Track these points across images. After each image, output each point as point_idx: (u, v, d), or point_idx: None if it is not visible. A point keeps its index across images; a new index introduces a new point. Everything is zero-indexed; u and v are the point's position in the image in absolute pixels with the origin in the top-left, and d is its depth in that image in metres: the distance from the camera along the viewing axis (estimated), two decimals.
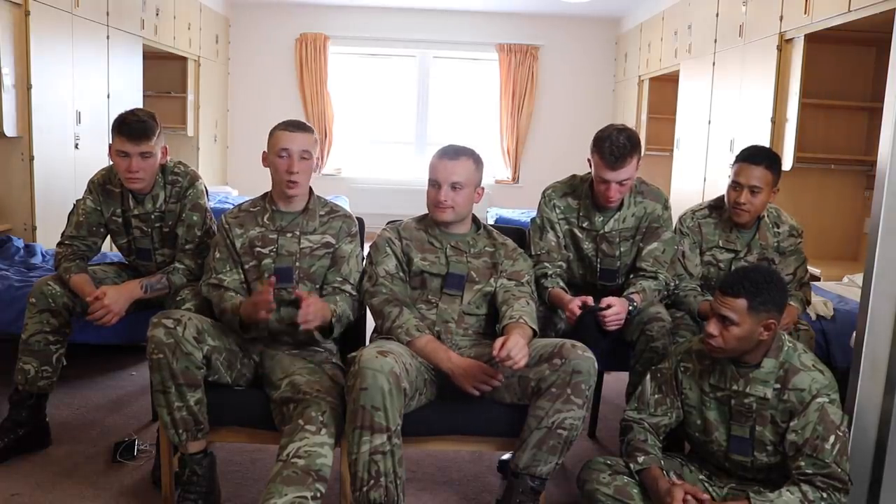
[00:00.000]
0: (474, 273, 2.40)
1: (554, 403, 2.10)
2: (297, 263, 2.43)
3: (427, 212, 2.45)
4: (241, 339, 2.37)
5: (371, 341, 2.40)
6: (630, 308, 2.50)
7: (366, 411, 2.00)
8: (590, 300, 2.45)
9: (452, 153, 2.39)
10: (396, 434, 2.04)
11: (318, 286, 2.46)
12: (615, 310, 2.43)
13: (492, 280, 2.41)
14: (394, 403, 2.01)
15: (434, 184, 2.37)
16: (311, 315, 2.19)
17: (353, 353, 2.14)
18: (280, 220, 2.46)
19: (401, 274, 2.40)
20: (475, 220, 2.51)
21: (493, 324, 2.41)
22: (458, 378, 2.18)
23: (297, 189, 2.42)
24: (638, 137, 2.59)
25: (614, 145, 2.49)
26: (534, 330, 2.23)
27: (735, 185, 2.63)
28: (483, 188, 2.46)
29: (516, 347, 2.02)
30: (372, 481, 2.02)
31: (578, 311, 2.43)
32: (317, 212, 2.49)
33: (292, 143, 2.39)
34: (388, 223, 2.53)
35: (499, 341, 2.04)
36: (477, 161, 2.42)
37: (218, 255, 2.46)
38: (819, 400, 1.98)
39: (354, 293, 2.44)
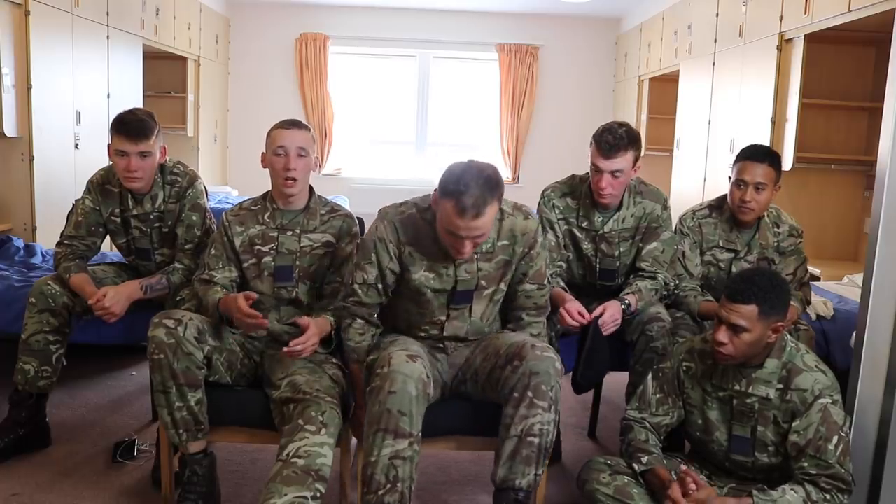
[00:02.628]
0: (484, 281, 2.22)
1: (518, 409, 2.05)
2: (297, 262, 2.43)
3: (432, 199, 2.15)
4: (241, 338, 2.38)
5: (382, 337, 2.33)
6: (623, 307, 2.50)
7: (391, 415, 1.98)
8: (585, 314, 2.47)
9: (475, 210, 1.96)
10: (418, 440, 2.03)
11: (317, 285, 2.46)
12: (609, 313, 2.45)
13: (502, 284, 2.26)
14: (419, 410, 2.02)
15: (454, 235, 2.04)
16: (305, 347, 2.18)
17: (373, 356, 2.15)
18: (281, 218, 2.46)
19: (378, 285, 2.22)
20: None
21: (502, 320, 2.39)
22: None
23: (295, 187, 2.40)
24: (638, 135, 2.59)
25: (611, 134, 2.52)
26: None
27: (739, 184, 2.63)
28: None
29: None
30: (389, 485, 2.00)
31: (578, 326, 2.44)
32: (318, 211, 2.49)
33: (288, 140, 2.39)
34: (383, 211, 2.25)
35: None
36: (500, 198, 2.06)
37: (213, 251, 2.46)
38: (822, 401, 1.97)
39: None
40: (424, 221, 2.18)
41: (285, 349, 2.18)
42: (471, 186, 1.96)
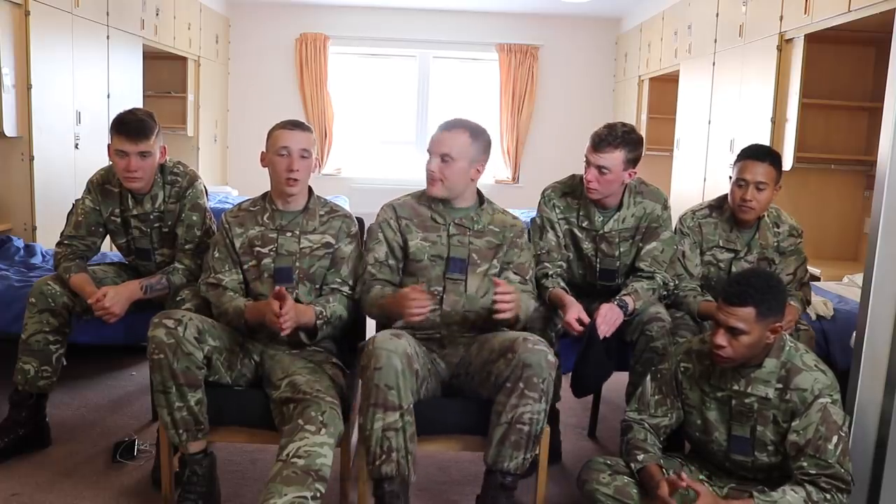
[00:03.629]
0: (476, 255, 2.39)
1: (510, 398, 2.13)
2: (297, 263, 2.43)
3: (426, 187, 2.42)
4: (241, 338, 2.38)
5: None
6: (619, 306, 2.50)
7: (380, 389, 2.06)
8: (585, 318, 2.46)
9: (449, 124, 2.37)
10: (409, 412, 2.10)
11: (317, 286, 2.46)
12: (603, 312, 2.45)
13: (494, 261, 2.40)
14: (406, 383, 2.08)
15: (429, 153, 2.36)
16: (287, 319, 2.18)
17: (363, 343, 2.20)
18: (280, 219, 2.46)
19: (389, 262, 2.41)
20: (479, 195, 2.48)
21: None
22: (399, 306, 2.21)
23: (296, 187, 2.41)
24: (637, 139, 2.58)
25: (607, 129, 2.55)
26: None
27: (740, 183, 2.63)
28: (483, 166, 2.40)
29: None
30: (384, 456, 2.09)
31: (579, 329, 2.44)
32: (317, 211, 2.49)
33: (292, 141, 2.39)
34: (384, 204, 2.49)
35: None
36: (475, 135, 2.36)
37: (217, 254, 2.46)
38: (821, 400, 1.97)
39: (352, 293, 2.45)
40: (419, 203, 2.45)
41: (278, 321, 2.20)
42: (453, 118, 2.41)
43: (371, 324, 2.51)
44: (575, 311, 2.48)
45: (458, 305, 2.38)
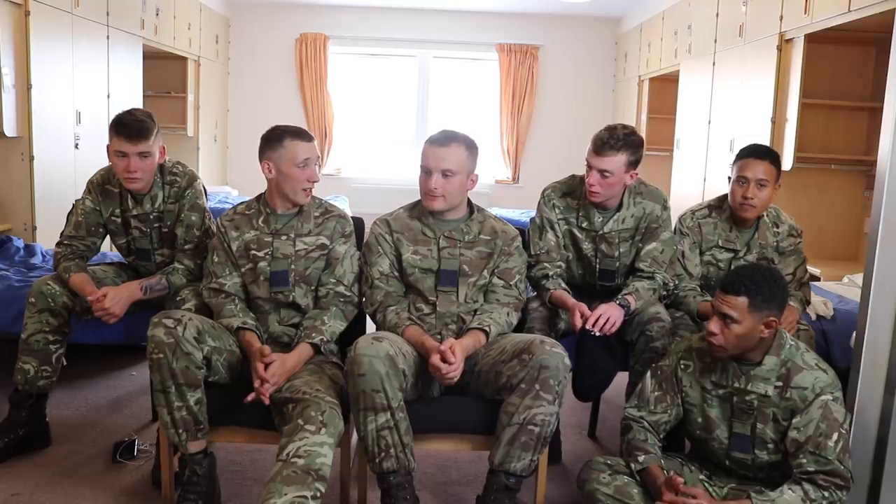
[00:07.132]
0: (467, 266, 2.40)
1: (524, 399, 2.14)
2: (293, 266, 2.43)
3: (419, 198, 2.44)
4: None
5: None
6: (622, 305, 2.49)
7: (367, 395, 2.09)
8: (586, 312, 2.45)
9: (443, 139, 2.36)
10: (399, 409, 2.13)
11: (313, 287, 2.46)
12: (599, 311, 2.43)
13: (485, 272, 2.42)
14: (392, 383, 2.10)
15: (425, 170, 2.36)
16: (271, 385, 2.18)
17: (349, 348, 2.20)
18: (275, 222, 2.45)
19: (395, 273, 2.43)
20: (469, 204, 2.50)
21: None
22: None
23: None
24: (639, 141, 2.58)
25: (608, 132, 2.54)
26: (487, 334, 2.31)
27: (741, 181, 2.62)
28: (477, 175, 2.43)
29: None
30: (382, 454, 2.15)
31: (579, 326, 2.43)
32: (311, 213, 2.49)
33: (312, 152, 2.42)
34: (377, 218, 2.50)
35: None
36: (470, 147, 2.39)
37: (216, 258, 2.46)
38: (823, 398, 1.98)
39: (348, 294, 2.45)
40: (410, 216, 2.46)
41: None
42: (442, 131, 2.41)
43: (371, 325, 2.51)
44: (578, 313, 2.47)
45: (452, 307, 2.40)
